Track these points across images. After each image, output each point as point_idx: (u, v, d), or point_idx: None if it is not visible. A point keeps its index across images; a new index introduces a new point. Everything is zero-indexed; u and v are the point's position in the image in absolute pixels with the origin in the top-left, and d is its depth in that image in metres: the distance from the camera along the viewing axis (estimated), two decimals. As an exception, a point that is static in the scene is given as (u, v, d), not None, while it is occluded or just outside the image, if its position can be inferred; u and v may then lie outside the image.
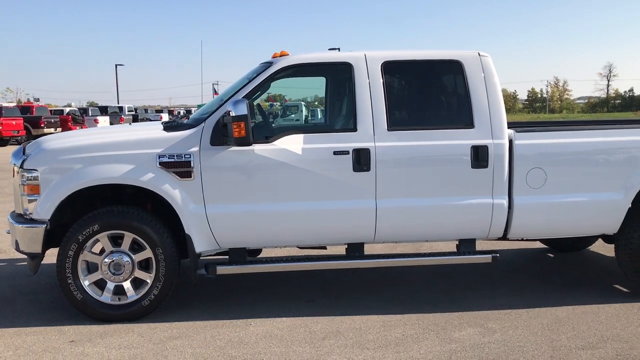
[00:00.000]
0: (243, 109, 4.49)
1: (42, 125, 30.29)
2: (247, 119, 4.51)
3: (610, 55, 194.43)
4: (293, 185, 4.87)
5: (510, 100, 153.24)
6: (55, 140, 5.09)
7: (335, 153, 4.88)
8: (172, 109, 67.96)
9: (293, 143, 4.87)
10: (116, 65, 54.45)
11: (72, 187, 4.68)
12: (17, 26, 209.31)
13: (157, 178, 4.72)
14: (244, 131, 4.51)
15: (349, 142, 4.90)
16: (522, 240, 5.54)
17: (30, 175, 4.75)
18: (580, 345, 4.33)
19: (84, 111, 38.70)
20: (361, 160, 4.87)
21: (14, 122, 28.37)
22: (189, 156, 4.76)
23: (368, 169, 4.89)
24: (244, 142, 4.58)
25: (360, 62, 5.05)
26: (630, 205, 5.20)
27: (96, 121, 34.54)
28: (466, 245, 5.25)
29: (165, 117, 44.87)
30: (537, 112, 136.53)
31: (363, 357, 4.16)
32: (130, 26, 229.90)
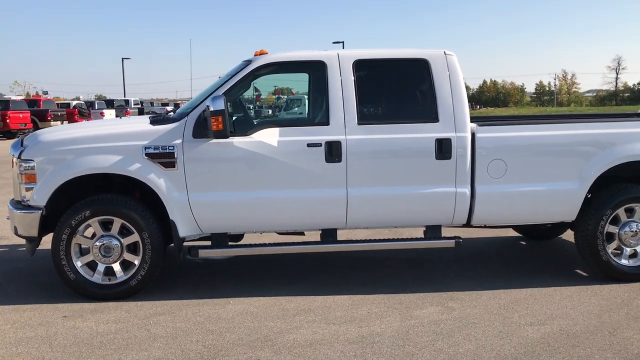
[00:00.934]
0: (220, 105, 4.88)
1: (49, 118, 30.79)
2: (225, 113, 4.90)
3: (619, 48, 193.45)
4: (269, 175, 5.25)
5: (517, 93, 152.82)
6: (51, 132, 5.51)
7: (309, 145, 5.26)
8: (178, 102, 68.41)
9: (269, 136, 5.26)
10: (123, 59, 54.96)
11: (65, 176, 5.10)
12: (28, 20, 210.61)
13: (143, 168, 5.13)
14: (221, 125, 4.90)
15: (321, 135, 5.28)
16: (486, 227, 5.91)
17: (27, 165, 5.17)
18: (529, 322, 4.70)
19: (90, 104, 39.27)
20: (333, 152, 5.25)
21: (21, 115, 28.90)
22: (172, 148, 5.15)
23: (339, 160, 5.27)
24: (221, 135, 4.97)
25: (333, 60, 5.43)
26: (585, 194, 5.56)
27: (102, 114, 35.06)
28: (432, 231, 5.63)
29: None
30: (545, 105, 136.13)
31: (328, 331, 4.56)
32: (140, 20, 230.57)
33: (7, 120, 28.25)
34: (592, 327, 4.60)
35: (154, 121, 5.44)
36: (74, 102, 37.88)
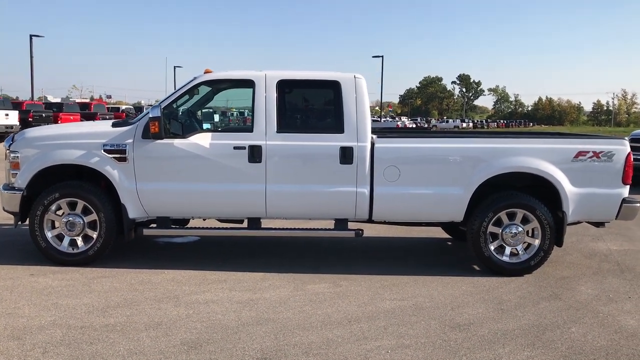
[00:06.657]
0: (157, 113, 6.17)
1: (97, 120, 33.07)
2: (160, 119, 6.17)
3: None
4: (201, 170, 6.47)
5: (573, 112, 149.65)
6: (34, 130, 6.92)
7: (235, 148, 6.46)
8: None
9: (203, 139, 6.49)
10: (175, 67, 57.65)
11: (40, 166, 6.47)
12: (100, 29, 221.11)
13: (101, 161, 6.44)
14: (157, 128, 6.18)
15: (246, 140, 6.48)
16: (386, 223, 6.95)
17: (14, 155, 6.57)
18: (392, 298, 5.74)
19: (138, 109, 41.63)
20: (254, 154, 6.43)
21: (71, 117, 31.32)
22: (125, 145, 6.45)
23: (260, 161, 6.44)
24: (157, 136, 6.26)
25: (260, 79, 6.61)
26: (470, 199, 6.54)
27: (148, 118, 37.28)
28: (340, 224, 6.73)
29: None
30: (602, 125, 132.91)
31: (227, 295, 5.73)
32: (194, 30, 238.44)
33: (59, 121, 30.58)
34: (440, 304, 5.60)
35: (115, 124, 6.76)
36: (123, 107, 40.28)
